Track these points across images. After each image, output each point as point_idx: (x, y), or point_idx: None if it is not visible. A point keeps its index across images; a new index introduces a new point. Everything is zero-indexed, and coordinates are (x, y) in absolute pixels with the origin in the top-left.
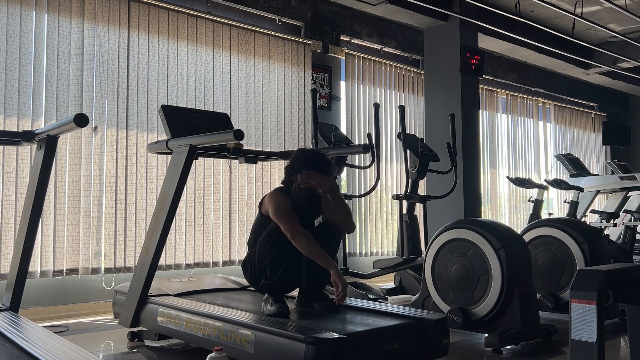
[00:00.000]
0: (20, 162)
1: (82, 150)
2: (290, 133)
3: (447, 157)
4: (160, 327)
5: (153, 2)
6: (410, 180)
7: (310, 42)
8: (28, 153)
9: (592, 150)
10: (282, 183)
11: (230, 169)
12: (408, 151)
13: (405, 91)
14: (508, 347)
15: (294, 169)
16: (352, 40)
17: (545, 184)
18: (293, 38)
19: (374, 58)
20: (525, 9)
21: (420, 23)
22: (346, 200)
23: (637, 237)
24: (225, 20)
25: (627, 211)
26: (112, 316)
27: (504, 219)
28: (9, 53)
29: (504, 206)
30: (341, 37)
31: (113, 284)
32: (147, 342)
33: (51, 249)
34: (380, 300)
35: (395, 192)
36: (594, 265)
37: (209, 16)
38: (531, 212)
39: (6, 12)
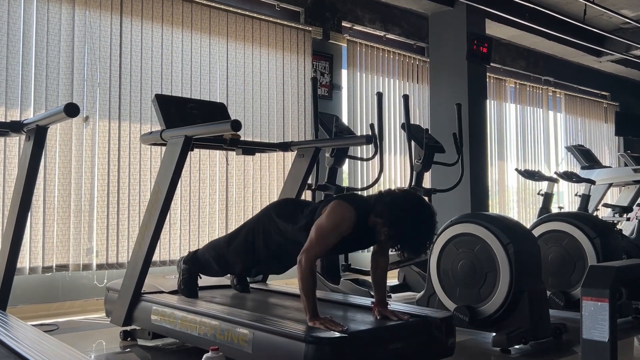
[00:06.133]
0: (8, 153)
1: (73, 142)
2: (289, 123)
3: (453, 149)
4: (154, 326)
5: None
6: (414, 172)
7: (310, 28)
8: (16, 144)
9: (605, 142)
10: (363, 200)
11: (227, 160)
12: (412, 142)
13: (409, 80)
14: (517, 346)
15: (389, 219)
16: (354, 27)
17: (555, 176)
18: (292, 24)
19: (377, 45)
20: None
21: (425, 9)
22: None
23: None
24: (222, 6)
25: None
26: (104, 314)
27: (513, 213)
28: None
29: (512, 200)
30: (343, 24)
31: (105, 280)
32: (141, 342)
33: (40, 244)
34: None
35: (399, 185)
36: (606, 261)
37: (204, 2)
38: (541, 205)
39: None
